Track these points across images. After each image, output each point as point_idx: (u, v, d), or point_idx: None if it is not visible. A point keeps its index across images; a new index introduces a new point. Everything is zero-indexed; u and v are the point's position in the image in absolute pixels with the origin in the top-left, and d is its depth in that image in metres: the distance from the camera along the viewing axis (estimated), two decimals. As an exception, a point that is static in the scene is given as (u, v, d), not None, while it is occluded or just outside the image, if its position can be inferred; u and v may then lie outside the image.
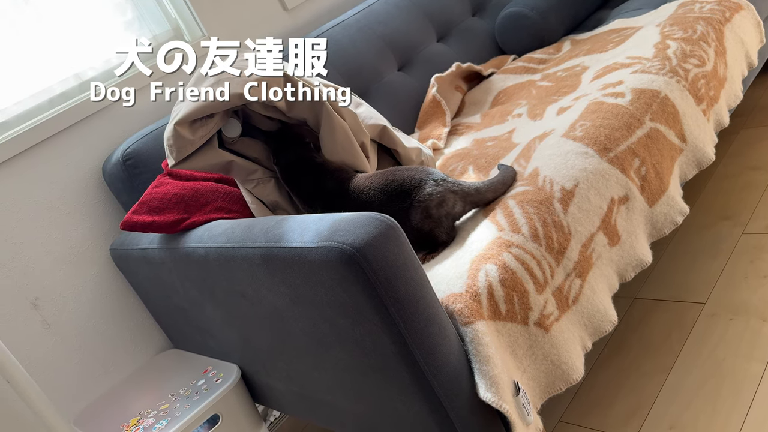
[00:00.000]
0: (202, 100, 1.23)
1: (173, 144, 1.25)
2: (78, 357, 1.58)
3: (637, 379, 1.35)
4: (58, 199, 1.56)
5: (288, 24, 2.02)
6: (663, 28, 1.67)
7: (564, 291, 1.12)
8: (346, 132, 1.32)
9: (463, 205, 1.20)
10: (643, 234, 1.27)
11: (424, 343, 0.95)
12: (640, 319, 1.50)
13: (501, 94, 1.91)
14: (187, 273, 1.30)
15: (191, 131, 1.24)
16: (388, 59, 1.97)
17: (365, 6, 2.03)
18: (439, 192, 1.17)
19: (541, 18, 2.07)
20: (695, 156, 1.40)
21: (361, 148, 1.37)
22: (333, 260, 0.92)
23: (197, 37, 1.83)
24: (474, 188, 1.21)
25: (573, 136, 1.31)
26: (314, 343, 1.11)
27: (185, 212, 1.31)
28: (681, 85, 1.44)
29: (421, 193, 1.17)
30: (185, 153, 1.25)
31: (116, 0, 1.73)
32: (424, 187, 1.18)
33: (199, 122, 1.25)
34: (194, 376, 1.44)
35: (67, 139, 1.58)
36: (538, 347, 1.07)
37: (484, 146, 1.57)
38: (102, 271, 1.62)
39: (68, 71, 1.64)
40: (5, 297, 1.49)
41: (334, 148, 1.31)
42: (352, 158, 1.34)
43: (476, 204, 1.21)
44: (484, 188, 1.22)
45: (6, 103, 1.55)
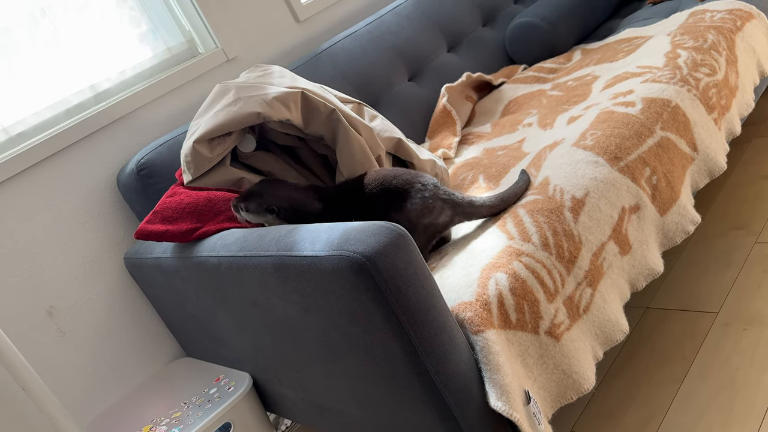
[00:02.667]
0: (221, 119, 1.25)
1: (191, 161, 1.27)
2: (92, 365, 1.59)
3: (649, 389, 1.34)
4: (74, 209, 1.59)
5: (300, 35, 2.04)
6: (674, 37, 1.68)
7: (575, 300, 1.11)
8: (363, 147, 1.33)
9: (451, 216, 1.18)
10: (655, 243, 1.27)
11: (435, 352, 0.95)
12: (652, 328, 1.49)
13: (511, 104, 1.91)
14: (200, 281, 1.31)
15: (209, 149, 1.26)
16: (399, 69, 1.99)
17: (376, 17, 2.05)
18: (427, 198, 1.16)
19: (551, 28, 2.08)
20: (707, 165, 1.40)
21: (377, 161, 1.38)
22: (343, 269, 0.93)
23: (210, 48, 1.85)
24: (468, 200, 1.19)
25: (583, 145, 1.31)
26: (325, 351, 1.11)
27: (198, 221, 1.32)
28: (692, 94, 1.44)
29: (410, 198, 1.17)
30: (202, 170, 1.27)
31: (131, 13, 1.76)
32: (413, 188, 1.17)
33: (217, 140, 1.27)
34: (206, 385, 1.45)
35: (83, 150, 1.61)
36: (549, 356, 1.07)
37: (495, 155, 1.58)
38: (116, 280, 1.64)
39: (84, 83, 1.67)
40: (21, 305, 1.51)
41: (352, 163, 1.32)
42: None
43: (467, 217, 1.20)
44: (479, 202, 1.19)
45: (24, 114, 1.58)
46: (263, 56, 1.95)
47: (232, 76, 1.88)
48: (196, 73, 1.79)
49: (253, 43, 1.93)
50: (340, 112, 1.32)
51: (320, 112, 1.31)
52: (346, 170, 1.33)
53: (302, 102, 1.30)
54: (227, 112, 1.26)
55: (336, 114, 1.31)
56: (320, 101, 1.31)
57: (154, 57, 1.79)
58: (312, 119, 1.31)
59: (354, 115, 1.36)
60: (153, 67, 1.78)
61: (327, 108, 1.31)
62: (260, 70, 1.44)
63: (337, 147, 1.32)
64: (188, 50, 1.85)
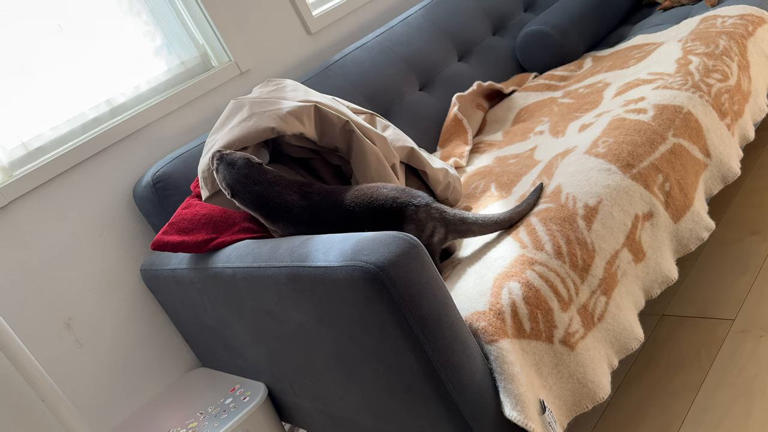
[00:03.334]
0: (236, 135, 1.26)
1: (208, 177, 1.29)
2: (109, 376, 1.61)
3: (665, 397, 1.33)
4: (91, 221, 1.61)
5: (312, 47, 2.06)
6: (685, 43, 1.67)
7: (589, 308, 1.11)
8: (378, 156, 1.34)
9: (444, 233, 1.17)
10: (669, 250, 1.26)
11: (449, 362, 0.95)
12: (668, 336, 1.48)
13: (522, 112, 1.91)
14: (216, 292, 1.32)
15: None
16: (410, 79, 2.00)
17: (386, 28, 2.07)
18: (420, 219, 1.16)
19: (561, 36, 2.09)
20: (720, 171, 1.39)
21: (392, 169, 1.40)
22: (357, 279, 0.94)
23: (224, 62, 1.88)
24: (459, 217, 1.18)
25: (595, 152, 1.31)
26: (339, 361, 1.12)
27: (213, 232, 1.34)
28: (704, 100, 1.43)
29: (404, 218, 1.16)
30: (218, 186, 1.29)
31: (146, 27, 1.79)
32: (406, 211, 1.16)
33: None
34: (222, 395, 1.46)
35: (100, 163, 1.63)
36: (564, 365, 1.06)
37: (506, 164, 1.58)
38: (133, 291, 1.66)
39: (100, 97, 1.70)
40: (40, 317, 1.53)
41: (367, 172, 1.33)
42: (386, 181, 1.36)
43: (461, 234, 1.19)
44: (471, 220, 1.18)
45: (42, 128, 1.61)
46: (276, 69, 1.97)
47: (246, 88, 1.90)
48: (210, 86, 1.81)
49: (265, 55, 1.95)
50: (354, 123, 1.33)
51: (334, 124, 1.32)
52: (362, 180, 1.34)
53: (315, 115, 1.31)
54: (242, 127, 1.28)
55: (350, 125, 1.32)
56: (333, 114, 1.32)
57: (169, 71, 1.81)
58: (326, 131, 1.32)
59: (367, 125, 1.37)
60: (167, 80, 1.80)
61: (340, 120, 1.32)
62: (273, 84, 1.45)
63: (352, 157, 1.33)
64: (202, 64, 1.87)
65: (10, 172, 1.56)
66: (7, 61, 1.57)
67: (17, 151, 1.57)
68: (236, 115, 1.32)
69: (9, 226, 1.51)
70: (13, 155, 1.57)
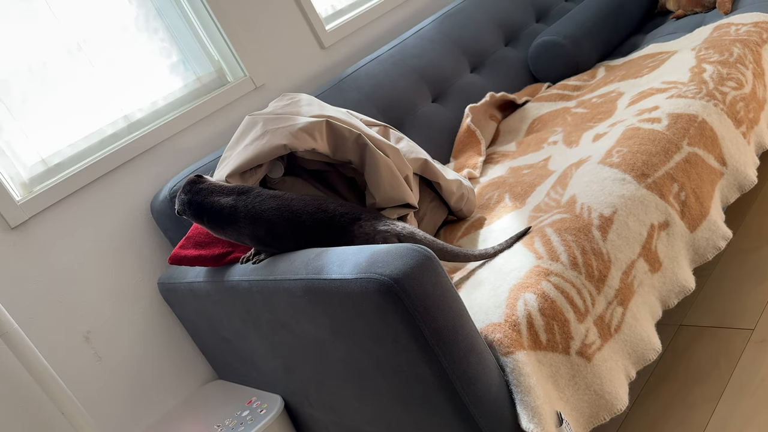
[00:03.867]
0: (250, 153, 1.28)
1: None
2: (127, 388, 1.62)
3: (684, 409, 1.32)
4: (109, 236, 1.63)
5: (325, 61, 2.08)
6: (698, 51, 1.67)
7: (606, 319, 1.11)
8: (391, 169, 1.35)
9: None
10: (685, 260, 1.25)
11: (464, 374, 0.95)
12: (686, 346, 1.47)
13: (536, 122, 1.92)
14: (232, 305, 1.33)
15: (242, 181, 1.30)
16: (423, 91, 2.01)
17: (399, 41, 2.08)
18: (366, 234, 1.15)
19: (574, 46, 2.09)
20: (736, 179, 1.38)
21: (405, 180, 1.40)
22: (371, 291, 0.94)
23: (239, 77, 1.90)
24: (408, 231, 1.17)
25: (610, 162, 1.31)
26: (355, 373, 1.12)
27: (230, 246, 1.35)
28: (719, 109, 1.43)
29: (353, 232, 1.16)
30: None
31: (162, 44, 1.82)
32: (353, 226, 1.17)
33: (249, 172, 1.30)
34: (239, 407, 1.47)
35: (118, 178, 1.65)
36: (581, 377, 1.06)
37: (520, 174, 1.58)
38: (150, 305, 1.67)
39: (118, 113, 1.73)
40: (59, 330, 1.55)
41: (381, 185, 1.34)
42: (400, 193, 1.36)
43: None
44: (420, 236, 1.17)
45: (61, 145, 1.64)
46: (290, 83, 1.99)
47: (260, 103, 1.92)
48: (226, 101, 1.83)
49: (279, 70, 1.97)
50: (366, 136, 1.34)
51: (346, 138, 1.33)
52: (376, 192, 1.35)
53: (327, 130, 1.33)
54: (255, 146, 1.30)
55: (362, 138, 1.33)
56: (345, 128, 1.33)
57: (185, 86, 1.84)
58: (339, 146, 1.34)
59: (380, 138, 1.38)
60: (184, 96, 1.83)
61: (352, 134, 1.33)
62: (287, 99, 1.47)
63: (366, 170, 1.34)
64: (217, 79, 1.90)
65: (31, 188, 1.59)
66: (27, 78, 1.61)
67: (37, 167, 1.60)
68: (250, 132, 1.34)
69: (29, 240, 1.53)
70: (33, 171, 1.60)
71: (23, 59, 1.61)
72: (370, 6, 2.22)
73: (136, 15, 1.78)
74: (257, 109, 1.92)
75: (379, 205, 1.36)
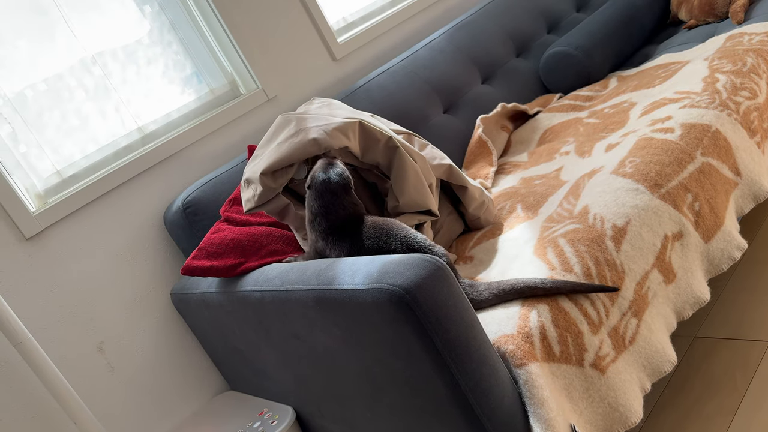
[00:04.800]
0: (284, 151, 1.29)
1: (256, 190, 1.31)
2: (140, 399, 1.63)
3: (700, 421, 1.30)
4: (123, 246, 1.64)
5: (337, 73, 2.09)
6: (711, 61, 1.66)
7: (620, 331, 1.10)
8: (418, 174, 1.35)
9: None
10: (700, 270, 1.24)
11: (477, 385, 0.94)
12: (702, 358, 1.45)
13: (548, 132, 1.91)
14: (244, 315, 1.33)
15: (273, 179, 1.30)
16: (434, 102, 2.01)
17: (410, 53, 2.09)
18: None
19: (586, 56, 2.09)
20: (751, 189, 1.37)
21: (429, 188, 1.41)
22: (383, 302, 0.94)
23: (252, 89, 1.92)
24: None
25: (623, 172, 1.31)
26: (367, 384, 1.12)
27: (242, 256, 1.36)
28: (732, 119, 1.42)
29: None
30: (265, 199, 1.30)
31: (176, 57, 1.84)
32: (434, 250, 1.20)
33: (281, 171, 1.31)
34: (251, 418, 1.47)
35: (131, 190, 1.67)
36: (595, 389, 1.05)
37: (532, 184, 1.58)
38: (163, 315, 1.68)
39: (132, 125, 1.74)
40: (73, 341, 1.56)
41: (406, 189, 1.34)
42: (423, 198, 1.37)
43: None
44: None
45: (76, 156, 1.66)
46: (302, 95, 2.00)
47: (273, 114, 1.93)
48: (239, 113, 1.85)
49: (292, 82, 1.98)
50: (396, 140, 1.35)
51: (377, 140, 1.34)
52: (401, 195, 1.35)
53: (360, 131, 1.33)
54: (289, 144, 1.30)
55: (392, 141, 1.34)
56: (377, 130, 1.34)
57: (198, 99, 1.85)
58: (369, 148, 1.34)
59: (408, 144, 1.39)
60: (197, 108, 1.85)
61: (384, 136, 1.34)
62: (318, 101, 1.48)
63: (392, 173, 1.35)
64: (230, 91, 1.91)
65: (45, 200, 1.60)
66: (43, 91, 1.63)
67: (52, 179, 1.62)
68: (283, 130, 1.35)
69: (44, 251, 1.54)
70: (48, 183, 1.61)
71: (39, 72, 1.63)
72: (381, 18, 2.24)
73: (150, 29, 1.80)
74: (270, 122, 1.93)
75: (401, 209, 1.36)
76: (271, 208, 1.34)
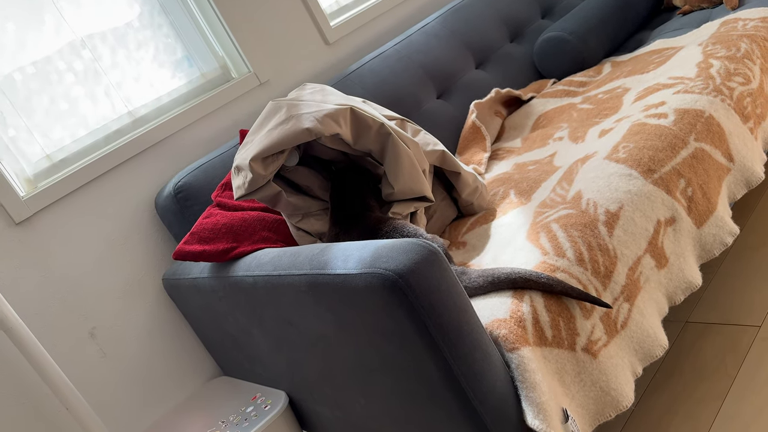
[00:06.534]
0: (275, 138, 1.27)
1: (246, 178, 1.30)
2: (132, 385, 1.63)
3: (690, 405, 1.31)
4: (114, 232, 1.63)
5: (330, 58, 2.07)
6: (705, 47, 1.66)
7: (612, 315, 1.10)
8: (412, 160, 1.34)
9: None
10: (692, 256, 1.25)
11: (469, 370, 0.95)
12: (693, 343, 1.46)
13: (541, 118, 1.91)
14: (236, 301, 1.33)
15: (264, 167, 1.28)
16: (428, 88, 2.00)
17: (404, 37, 2.08)
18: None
19: (580, 42, 2.08)
20: (744, 175, 1.37)
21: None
22: (376, 286, 0.94)
23: (243, 73, 1.90)
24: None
25: (616, 158, 1.30)
26: (360, 369, 1.12)
27: (234, 241, 1.35)
28: (726, 104, 1.42)
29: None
30: (256, 187, 1.29)
31: (166, 41, 1.82)
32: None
33: (271, 158, 1.29)
34: (243, 403, 1.47)
35: (122, 174, 1.65)
36: (587, 373, 1.05)
37: (526, 170, 1.58)
38: (155, 301, 1.67)
39: (122, 109, 1.72)
40: (64, 327, 1.55)
41: (401, 176, 1.34)
42: (419, 185, 1.36)
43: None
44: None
45: (65, 140, 1.64)
46: (294, 79, 1.99)
47: (265, 99, 1.92)
48: (230, 97, 1.83)
49: (284, 66, 1.97)
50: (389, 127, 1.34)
51: (369, 126, 1.32)
52: (395, 182, 1.34)
53: (351, 118, 1.32)
54: (280, 130, 1.28)
55: (385, 128, 1.32)
56: (369, 117, 1.33)
57: (189, 83, 1.84)
58: (361, 134, 1.33)
59: (401, 131, 1.38)
60: (188, 92, 1.83)
61: (376, 123, 1.33)
62: (310, 87, 1.47)
63: (386, 160, 1.34)
64: (222, 75, 1.89)
65: (35, 184, 1.59)
66: (32, 74, 1.61)
67: (41, 163, 1.60)
68: (274, 116, 1.33)
69: (34, 236, 1.53)
70: (38, 167, 1.60)
71: (28, 55, 1.61)
72: (375, 2, 2.22)
73: (140, 11, 1.78)
74: (262, 106, 1.91)
75: (396, 196, 1.35)
76: (261, 195, 1.33)
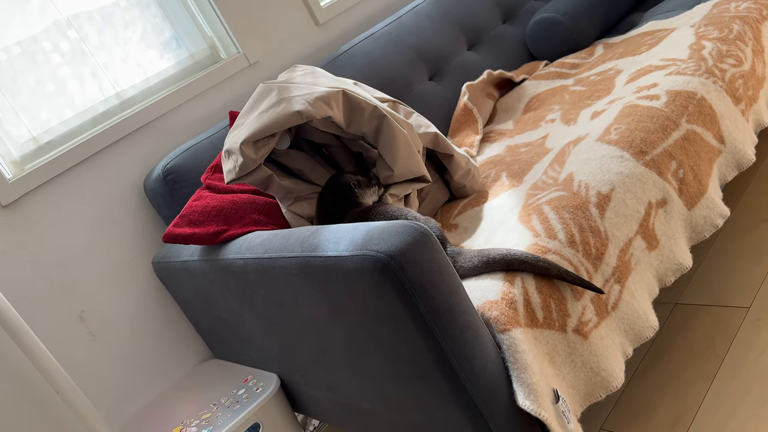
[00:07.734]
0: (265, 121, 1.25)
1: (237, 161, 1.28)
2: (122, 368, 1.62)
3: (680, 386, 1.32)
4: (102, 215, 1.62)
5: (320, 38, 2.05)
6: (698, 28, 1.65)
7: (603, 297, 1.10)
8: (408, 142, 1.33)
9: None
10: (683, 238, 1.25)
11: (461, 351, 0.95)
12: (682, 324, 1.47)
13: (533, 100, 1.90)
14: (227, 284, 1.32)
15: (254, 150, 1.27)
16: (419, 69, 1.99)
17: (395, 18, 2.05)
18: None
19: (572, 23, 2.06)
20: (734, 157, 1.37)
21: None
22: (367, 268, 0.93)
23: (232, 54, 1.87)
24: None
25: (608, 140, 1.30)
26: (352, 351, 1.12)
27: (224, 224, 1.34)
28: (718, 86, 1.41)
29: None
30: (247, 170, 1.27)
31: (154, 21, 1.79)
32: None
33: (262, 141, 1.28)
34: (235, 386, 1.47)
35: (110, 157, 1.63)
36: (577, 354, 1.06)
37: (517, 152, 1.57)
38: (145, 284, 1.66)
39: (110, 91, 1.70)
40: (53, 310, 1.54)
41: (399, 158, 1.33)
42: (416, 166, 1.35)
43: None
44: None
45: (52, 122, 1.61)
46: (284, 60, 1.96)
47: (254, 80, 1.89)
48: (219, 78, 1.81)
49: (274, 47, 1.94)
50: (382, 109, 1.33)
51: (362, 109, 1.31)
52: (394, 164, 1.33)
53: (344, 101, 1.30)
54: (271, 113, 1.26)
55: (378, 110, 1.31)
56: (362, 99, 1.31)
57: (178, 63, 1.81)
58: (354, 117, 1.31)
59: (393, 113, 1.37)
60: (177, 73, 1.80)
61: (369, 105, 1.31)
62: (300, 69, 1.45)
63: (380, 143, 1.32)
64: (210, 56, 1.87)
65: (22, 166, 1.57)
66: (17, 55, 1.58)
67: (28, 146, 1.58)
68: (264, 99, 1.31)
69: (21, 219, 1.51)
70: (24, 149, 1.57)
71: (12, 35, 1.58)
72: (365, -18, 2.19)
73: (127, -10, 1.75)
74: (252, 87, 1.89)
75: (396, 178, 1.34)
76: (252, 179, 1.32)
